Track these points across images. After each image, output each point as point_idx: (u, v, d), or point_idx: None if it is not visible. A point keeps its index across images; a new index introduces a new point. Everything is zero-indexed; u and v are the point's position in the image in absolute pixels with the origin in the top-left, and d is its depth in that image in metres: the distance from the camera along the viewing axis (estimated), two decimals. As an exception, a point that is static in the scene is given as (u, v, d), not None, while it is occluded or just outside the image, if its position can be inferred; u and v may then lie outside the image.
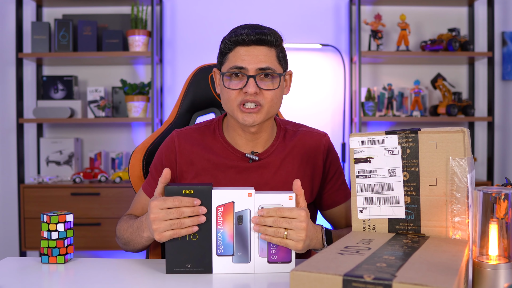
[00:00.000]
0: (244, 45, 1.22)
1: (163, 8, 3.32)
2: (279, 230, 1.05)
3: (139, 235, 1.17)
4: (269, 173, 1.31)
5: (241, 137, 1.31)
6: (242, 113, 1.23)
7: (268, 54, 1.22)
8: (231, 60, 1.23)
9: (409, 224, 1.03)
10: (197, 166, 1.31)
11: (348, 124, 3.32)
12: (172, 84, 3.34)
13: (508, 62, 3.34)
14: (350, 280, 0.75)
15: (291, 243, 1.06)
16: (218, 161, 1.30)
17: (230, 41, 1.23)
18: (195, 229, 1.05)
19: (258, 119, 1.23)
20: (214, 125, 1.36)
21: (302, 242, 1.06)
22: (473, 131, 3.32)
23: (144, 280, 1.05)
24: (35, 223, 2.98)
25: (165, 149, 1.34)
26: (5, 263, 1.16)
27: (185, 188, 1.05)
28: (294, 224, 1.05)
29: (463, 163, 0.98)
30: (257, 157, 1.30)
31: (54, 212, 1.16)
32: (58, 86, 3.20)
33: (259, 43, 1.22)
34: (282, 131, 1.36)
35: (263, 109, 1.23)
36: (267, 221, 1.05)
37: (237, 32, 1.23)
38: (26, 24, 3.23)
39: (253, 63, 1.21)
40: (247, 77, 1.21)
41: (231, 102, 1.23)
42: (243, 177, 1.29)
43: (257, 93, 1.21)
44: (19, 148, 3.11)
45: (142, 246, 1.24)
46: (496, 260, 0.90)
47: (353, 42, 3.30)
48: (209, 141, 1.33)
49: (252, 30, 1.22)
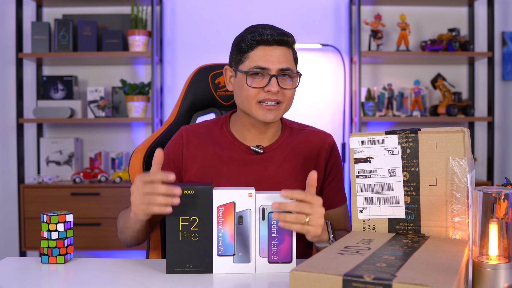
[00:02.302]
0: (267, 44, 1.25)
1: (163, 8, 3.32)
2: (300, 216, 1.05)
3: (128, 216, 1.18)
4: (273, 167, 1.33)
5: (250, 132, 1.35)
6: (262, 110, 1.27)
7: (287, 54, 1.27)
8: (252, 59, 1.26)
9: (409, 224, 1.03)
10: (202, 159, 1.34)
11: (348, 124, 3.32)
12: (172, 84, 3.34)
13: (508, 62, 3.34)
14: (350, 280, 0.75)
15: (312, 228, 1.07)
16: (223, 154, 1.34)
17: (253, 40, 1.25)
18: (168, 210, 1.04)
19: (278, 115, 1.28)
20: (221, 121, 1.40)
21: (321, 228, 1.08)
22: (473, 131, 3.32)
23: (144, 280, 1.05)
24: (35, 223, 2.98)
25: (173, 142, 1.38)
26: (5, 263, 1.17)
27: (185, 188, 1.06)
28: (315, 209, 1.06)
29: (463, 163, 0.98)
30: (261, 150, 1.34)
31: (54, 212, 1.16)
32: (58, 86, 3.20)
33: (280, 43, 1.26)
34: (288, 129, 1.40)
35: (281, 106, 1.28)
36: (288, 206, 1.05)
37: (260, 32, 1.25)
38: (26, 24, 3.23)
39: (276, 63, 1.25)
40: (269, 76, 1.25)
41: (250, 99, 1.27)
42: (246, 169, 1.32)
43: (278, 91, 1.26)
44: (19, 148, 3.11)
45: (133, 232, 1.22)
46: (496, 260, 0.90)
47: (353, 42, 3.30)
48: (216, 135, 1.37)
49: (275, 30, 1.26)
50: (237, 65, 1.30)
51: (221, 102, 1.62)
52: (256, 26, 1.30)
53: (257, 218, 1.07)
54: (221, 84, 1.60)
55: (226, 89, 1.59)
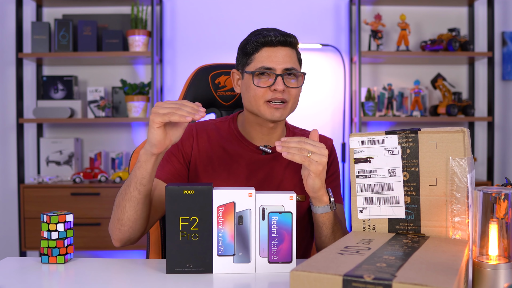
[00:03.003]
0: (271, 46, 1.30)
1: (163, 8, 3.32)
2: (303, 149, 1.13)
3: (131, 178, 1.16)
4: (281, 166, 1.37)
5: (257, 132, 1.37)
6: (270, 109, 1.30)
7: (291, 55, 1.32)
8: (258, 60, 1.30)
9: (409, 224, 1.03)
10: (212, 155, 1.36)
11: (348, 124, 3.32)
12: (172, 84, 3.34)
13: (508, 62, 3.34)
14: (350, 280, 0.75)
15: (314, 162, 1.13)
16: (232, 152, 1.36)
17: (257, 42, 1.30)
18: (188, 119, 1.06)
19: (285, 113, 1.31)
20: (229, 120, 1.43)
21: (322, 168, 1.14)
22: (473, 131, 3.32)
23: (144, 280, 1.05)
24: (35, 223, 2.98)
25: (184, 134, 1.37)
26: (5, 263, 1.16)
27: (185, 188, 1.06)
28: (318, 147, 1.14)
29: (463, 163, 0.98)
30: (270, 150, 1.37)
31: (54, 212, 1.16)
32: (58, 86, 3.20)
33: (284, 44, 1.30)
34: (291, 132, 1.45)
35: (288, 105, 1.32)
36: (291, 143, 1.13)
37: (264, 34, 1.30)
38: (26, 24, 3.23)
39: (280, 63, 1.29)
40: (275, 75, 1.28)
41: (257, 99, 1.30)
42: (255, 168, 1.35)
43: (284, 90, 1.29)
44: (19, 148, 3.11)
45: (135, 200, 1.16)
46: (496, 260, 0.90)
47: (353, 42, 3.30)
48: (224, 133, 1.39)
49: (278, 32, 1.31)
50: (244, 67, 1.34)
51: (221, 102, 1.62)
52: (260, 29, 1.34)
53: (257, 218, 1.07)
54: (221, 84, 1.60)
55: (226, 89, 1.60)
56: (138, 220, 1.20)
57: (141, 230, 1.23)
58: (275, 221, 1.08)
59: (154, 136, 1.10)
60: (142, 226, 1.22)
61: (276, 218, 1.07)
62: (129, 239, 1.23)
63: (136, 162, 1.17)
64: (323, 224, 1.23)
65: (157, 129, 1.10)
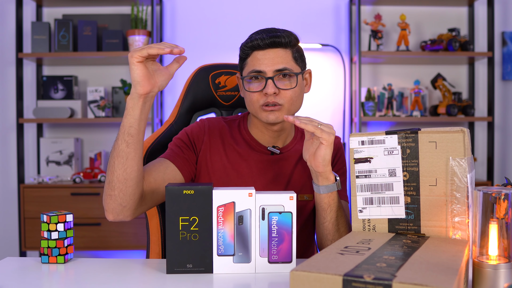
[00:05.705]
0: (260, 49, 1.29)
1: (163, 8, 3.32)
2: (313, 120, 1.15)
3: (119, 135, 1.13)
4: (289, 166, 1.38)
5: (264, 134, 1.38)
6: (265, 112, 1.29)
7: (283, 55, 1.29)
8: (249, 65, 1.30)
9: (409, 224, 1.03)
10: (222, 152, 1.37)
11: (348, 124, 3.32)
12: (172, 84, 3.34)
13: (508, 62, 3.34)
14: (350, 280, 0.75)
15: (325, 131, 1.13)
16: (242, 151, 1.37)
17: (246, 47, 1.30)
18: (166, 50, 1.06)
19: (280, 115, 1.29)
20: (239, 120, 1.44)
21: (333, 138, 1.15)
22: (473, 131, 3.32)
23: (144, 280, 1.05)
24: (35, 223, 2.98)
25: (196, 127, 1.38)
26: (5, 263, 1.16)
27: (185, 189, 1.06)
28: (326, 124, 1.15)
29: (463, 163, 0.98)
30: (278, 150, 1.38)
31: (54, 212, 1.16)
32: (58, 86, 3.20)
33: (274, 45, 1.28)
34: (300, 133, 1.45)
35: (283, 107, 1.30)
36: (300, 117, 1.15)
37: (252, 38, 1.30)
38: (26, 24, 3.23)
39: (270, 65, 1.27)
40: (265, 79, 1.27)
41: (253, 103, 1.30)
42: (265, 167, 1.36)
43: (276, 93, 1.28)
44: (19, 148, 3.11)
45: (121, 146, 1.12)
46: (496, 260, 0.90)
47: (353, 42, 3.30)
48: (235, 132, 1.41)
49: (266, 34, 1.29)
50: (241, 72, 1.35)
51: (221, 102, 1.62)
52: (253, 33, 1.33)
53: (257, 218, 1.07)
54: (221, 84, 1.60)
55: (226, 89, 1.60)
56: (128, 181, 1.11)
57: (133, 198, 1.14)
58: (275, 221, 1.08)
59: (136, 72, 1.08)
60: (134, 193, 1.13)
61: (276, 218, 1.07)
62: (122, 209, 1.14)
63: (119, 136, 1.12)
64: (328, 206, 1.21)
65: (137, 64, 1.07)
